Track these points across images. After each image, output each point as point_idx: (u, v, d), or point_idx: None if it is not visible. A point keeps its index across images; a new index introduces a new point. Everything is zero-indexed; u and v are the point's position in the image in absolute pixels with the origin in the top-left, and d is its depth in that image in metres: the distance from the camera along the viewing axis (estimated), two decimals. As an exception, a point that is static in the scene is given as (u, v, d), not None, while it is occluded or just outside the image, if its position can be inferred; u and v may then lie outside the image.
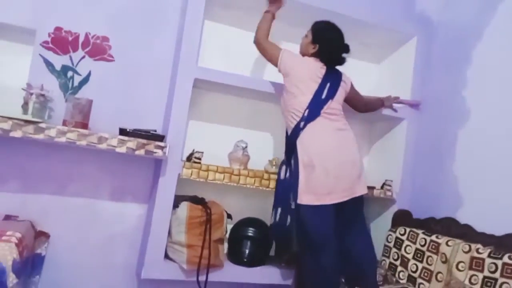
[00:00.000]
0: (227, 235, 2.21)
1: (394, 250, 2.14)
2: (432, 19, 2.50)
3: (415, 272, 1.99)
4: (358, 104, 2.25)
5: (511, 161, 1.80)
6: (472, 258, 1.72)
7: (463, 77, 2.14)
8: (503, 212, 1.79)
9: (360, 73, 2.47)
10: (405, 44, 2.57)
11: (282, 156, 2.35)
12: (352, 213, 1.93)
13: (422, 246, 2.01)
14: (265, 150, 2.41)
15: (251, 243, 2.16)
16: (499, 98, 1.92)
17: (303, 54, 2.08)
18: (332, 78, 1.99)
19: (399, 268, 2.07)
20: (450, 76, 2.25)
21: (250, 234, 2.18)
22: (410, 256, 2.05)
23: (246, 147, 2.19)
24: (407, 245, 2.09)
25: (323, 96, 1.93)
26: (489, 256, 1.66)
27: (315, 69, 1.97)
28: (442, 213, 2.09)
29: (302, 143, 1.90)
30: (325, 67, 1.99)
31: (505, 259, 1.59)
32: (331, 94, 1.95)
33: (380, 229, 2.38)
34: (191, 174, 2.03)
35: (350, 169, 1.89)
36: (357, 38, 2.49)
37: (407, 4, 2.70)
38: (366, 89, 2.37)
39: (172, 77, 2.19)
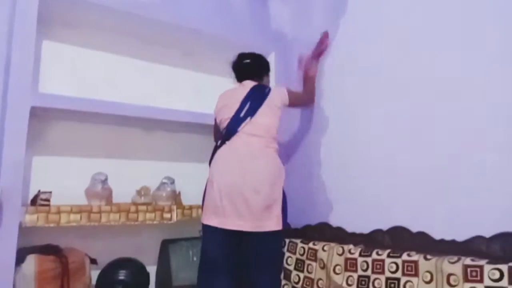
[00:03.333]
0: (94, 283, 1.91)
1: (276, 264, 2.10)
2: (287, 35, 2.61)
3: (297, 283, 1.96)
4: (301, 101, 2.14)
5: (370, 162, 1.91)
6: (346, 259, 1.76)
7: (319, 89, 2.25)
8: (368, 211, 1.88)
9: (225, 88, 2.43)
10: (265, 59, 2.63)
11: (151, 184, 2.18)
12: (257, 249, 1.76)
13: (302, 255, 2.00)
14: (131, 180, 2.16)
15: (123, 288, 1.90)
16: (354, 105, 2.03)
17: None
18: (254, 97, 1.91)
19: (283, 282, 2.03)
20: (308, 88, 2.34)
21: (121, 277, 1.92)
22: (292, 268, 2.02)
23: (106, 179, 1.94)
24: (288, 257, 2.06)
25: (242, 115, 1.86)
26: (360, 255, 1.71)
27: (236, 93, 1.94)
28: (316, 219, 2.12)
29: (213, 160, 1.86)
30: (249, 87, 1.93)
31: (374, 255, 1.65)
32: (251, 112, 1.86)
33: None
34: (38, 220, 1.71)
35: (253, 198, 1.71)
36: (220, 56, 2.46)
37: (263, 21, 2.77)
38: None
39: (2, 108, 1.82)
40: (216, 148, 1.90)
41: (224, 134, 1.88)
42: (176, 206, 2.09)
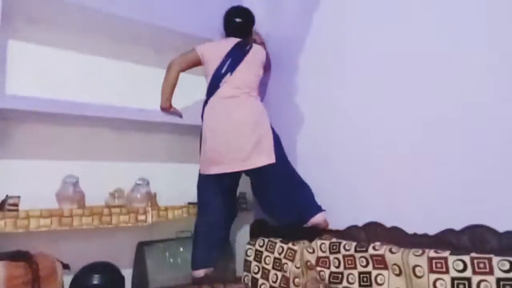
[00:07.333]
0: (67, 290, 1.86)
1: (254, 263, 2.08)
2: (262, 32, 2.60)
3: (275, 282, 1.96)
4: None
5: (345, 159, 1.91)
6: (318, 258, 1.77)
7: (294, 86, 2.24)
8: (344, 207, 1.89)
9: (197, 88, 2.39)
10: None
11: (126, 186, 2.14)
12: (260, 184, 1.99)
13: (280, 254, 1.99)
14: (104, 182, 2.10)
15: (97, 293, 1.86)
16: (329, 100, 2.03)
17: None
18: (235, 54, 2.05)
19: (260, 281, 2.02)
20: (283, 85, 2.34)
21: (95, 282, 1.87)
22: (270, 267, 2.01)
23: (77, 182, 1.89)
24: (267, 256, 2.05)
25: (223, 71, 2.01)
26: (355, 251, 1.64)
27: (221, 48, 2.07)
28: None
29: (204, 117, 2.01)
30: (232, 44, 2.08)
31: (370, 250, 1.58)
32: (231, 68, 2.01)
33: (242, 243, 2.33)
34: (5, 226, 1.65)
35: (240, 137, 1.87)
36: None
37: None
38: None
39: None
40: (205, 103, 2.05)
41: (208, 89, 2.05)
42: (151, 207, 2.06)
